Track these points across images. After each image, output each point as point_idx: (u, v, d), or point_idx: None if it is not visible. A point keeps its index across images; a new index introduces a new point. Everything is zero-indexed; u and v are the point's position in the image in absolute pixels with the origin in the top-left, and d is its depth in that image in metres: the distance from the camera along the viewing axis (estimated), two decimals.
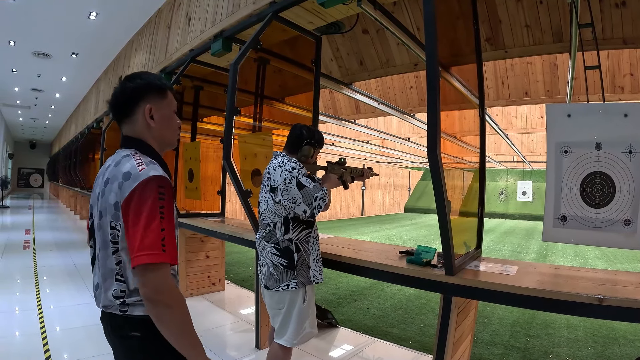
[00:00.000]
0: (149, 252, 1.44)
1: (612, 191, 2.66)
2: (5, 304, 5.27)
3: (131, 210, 1.50)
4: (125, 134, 1.74)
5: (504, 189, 28.55)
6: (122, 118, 1.73)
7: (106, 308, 1.62)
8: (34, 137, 33.91)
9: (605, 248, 11.96)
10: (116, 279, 1.57)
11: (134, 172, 1.54)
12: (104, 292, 1.60)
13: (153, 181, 1.53)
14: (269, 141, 4.14)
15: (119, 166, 1.60)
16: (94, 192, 1.71)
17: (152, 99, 1.72)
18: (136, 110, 1.70)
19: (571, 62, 4.03)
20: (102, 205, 1.60)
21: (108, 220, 1.57)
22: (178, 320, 1.51)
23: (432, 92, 2.47)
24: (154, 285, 1.46)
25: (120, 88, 1.71)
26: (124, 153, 1.67)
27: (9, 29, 9.23)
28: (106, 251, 1.58)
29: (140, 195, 1.50)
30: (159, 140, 1.78)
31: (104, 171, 1.69)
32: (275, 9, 3.93)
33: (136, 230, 1.47)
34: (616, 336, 5.10)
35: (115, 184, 1.56)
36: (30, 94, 16.06)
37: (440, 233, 2.70)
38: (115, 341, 1.66)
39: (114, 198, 1.55)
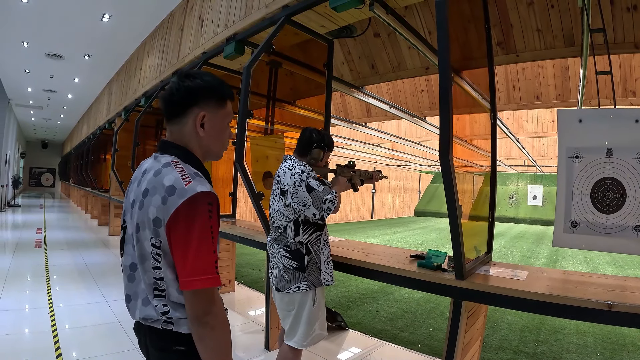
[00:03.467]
0: (202, 276, 1.38)
1: (623, 197, 2.66)
2: (16, 301, 5.32)
3: (178, 230, 1.40)
4: (169, 136, 1.64)
5: (514, 193, 28.39)
6: (171, 117, 1.62)
7: (145, 321, 1.53)
8: (46, 137, 34.16)
9: (615, 254, 11.88)
10: (155, 294, 1.49)
11: (179, 187, 1.42)
12: (142, 305, 1.52)
13: (202, 198, 1.42)
14: (280, 144, 4.17)
15: (159, 176, 1.47)
16: (128, 197, 1.61)
17: (207, 105, 1.59)
18: (188, 113, 1.58)
19: (582, 66, 4.02)
20: (140, 217, 1.49)
21: (148, 235, 1.46)
22: (219, 344, 1.47)
23: (445, 97, 2.48)
24: (204, 307, 1.42)
25: (177, 85, 1.57)
26: (164, 160, 1.54)
27: (23, 30, 9.34)
28: (144, 265, 1.49)
29: (188, 213, 1.40)
30: (204, 150, 1.66)
31: (139, 177, 1.58)
32: (288, 12, 3.95)
33: (186, 252, 1.39)
34: (625, 343, 5.07)
35: (157, 197, 1.44)
36: (42, 95, 16.21)
37: (451, 237, 2.70)
38: (154, 354, 1.60)
39: (154, 213, 1.43)
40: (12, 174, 21.79)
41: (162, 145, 1.62)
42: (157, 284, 1.48)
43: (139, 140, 7.91)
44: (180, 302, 1.47)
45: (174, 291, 1.47)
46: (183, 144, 1.60)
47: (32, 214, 16.63)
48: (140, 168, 1.62)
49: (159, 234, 1.43)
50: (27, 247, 9.15)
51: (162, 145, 1.62)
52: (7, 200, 18.98)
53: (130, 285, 1.56)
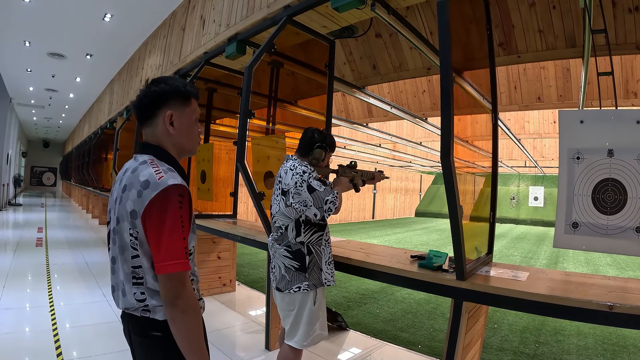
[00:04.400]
0: (173, 261, 1.52)
1: (624, 198, 2.65)
2: (17, 300, 5.34)
3: (152, 220, 1.54)
4: (145, 138, 1.77)
5: (515, 194, 28.36)
6: (143, 121, 1.76)
7: (127, 309, 1.66)
8: (48, 136, 34.19)
9: (616, 255, 11.87)
10: (133, 282, 1.62)
11: (153, 181, 1.56)
12: (124, 294, 1.65)
13: (172, 190, 1.56)
14: (282, 144, 4.17)
15: (136, 173, 1.62)
16: (112, 196, 1.74)
17: (174, 105, 1.73)
18: (157, 114, 1.73)
19: (584, 67, 4.02)
20: (119, 211, 1.63)
21: (126, 227, 1.59)
22: (190, 326, 1.57)
23: (446, 98, 2.48)
24: (176, 291, 1.54)
25: (145, 91, 1.72)
26: (141, 159, 1.69)
27: (25, 30, 9.36)
28: (124, 255, 1.62)
29: (161, 204, 1.54)
30: (177, 147, 1.79)
31: (121, 177, 1.71)
32: (290, 12, 3.95)
33: (160, 239, 1.53)
34: (626, 344, 5.06)
35: (134, 192, 1.58)
36: (44, 94, 16.23)
37: (452, 238, 2.70)
38: (136, 340, 1.70)
39: (131, 206, 1.57)
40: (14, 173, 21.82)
41: (141, 146, 1.77)
42: (135, 272, 1.61)
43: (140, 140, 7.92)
44: (156, 289, 1.60)
45: (150, 278, 1.60)
46: (157, 144, 1.75)
47: (33, 213, 16.65)
48: (122, 169, 1.75)
49: (136, 225, 1.57)
50: (28, 246, 9.17)
51: (140, 146, 1.77)
52: (9, 199, 19.00)
53: (113, 277, 1.70)
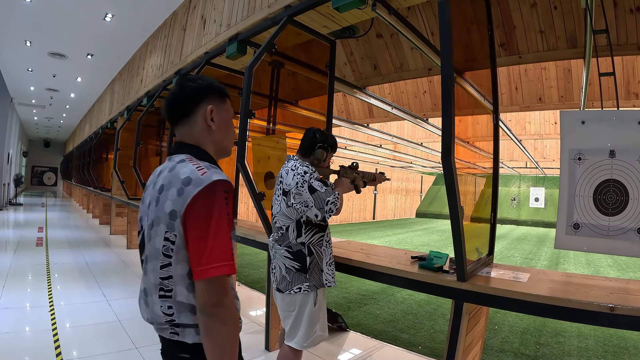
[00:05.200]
0: (218, 263, 1.38)
1: (626, 199, 2.65)
2: (17, 300, 5.33)
3: (195, 219, 1.41)
4: (180, 138, 1.65)
5: (516, 195, 28.34)
6: (179, 119, 1.63)
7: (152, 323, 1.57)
8: (48, 136, 34.23)
9: (618, 256, 11.85)
10: (160, 295, 1.50)
11: (195, 177, 1.44)
12: (149, 305, 1.56)
13: (218, 186, 1.44)
14: (282, 144, 4.16)
15: (174, 171, 1.51)
16: (144, 202, 1.65)
17: (212, 100, 1.65)
18: (196, 111, 1.62)
19: (585, 68, 4.01)
20: (155, 214, 1.51)
21: (162, 230, 1.47)
22: (227, 340, 1.42)
23: (447, 99, 2.47)
24: (217, 298, 1.40)
25: (179, 87, 1.62)
26: (178, 158, 1.57)
27: (25, 29, 9.36)
28: (153, 263, 1.51)
29: (205, 201, 1.41)
30: (217, 145, 1.68)
31: (154, 179, 1.61)
32: (290, 12, 3.95)
33: (204, 239, 1.40)
34: (627, 346, 5.05)
35: (173, 190, 1.46)
36: (45, 94, 16.24)
37: (453, 239, 2.69)
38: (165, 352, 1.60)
39: (170, 206, 1.45)
40: (15, 172, 21.83)
41: (177, 146, 1.64)
42: (163, 283, 1.48)
43: (141, 140, 7.93)
44: (188, 301, 1.46)
45: (182, 289, 1.46)
46: (195, 143, 1.63)
47: (34, 213, 16.65)
48: (155, 173, 1.65)
49: (174, 227, 1.44)
50: (28, 245, 9.17)
51: (176, 146, 1.64)
52: (9, 199, 19.00)
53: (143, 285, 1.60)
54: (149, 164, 8.53)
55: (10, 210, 17.07)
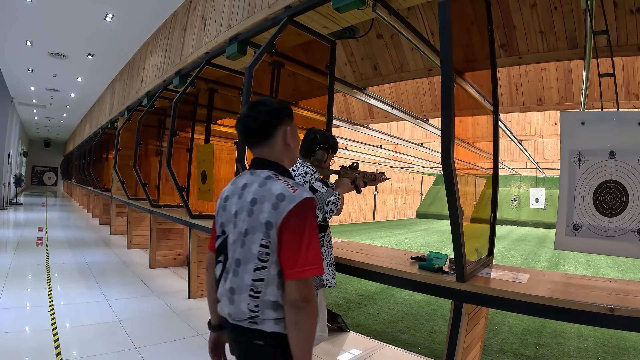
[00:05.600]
0: (311, 266, 1.61)
1: (625, 200, 2.65)
2: (17, 300, 5.32)
3: (291, 229, 1.63)
4: (259, 155, 1.84)
5: (516, 195, 28.33)
6: (258, 141, 1.82)
7: (232, 319, 1.74)
8: (49, 136, 34.24)
9: (617, 257, 11.84)
10: (249, 294, 1.67)
11: (288, 194, 1.65)
12: (233, 302, 1.71)
13: (309, 202, 1.67)
14: None
15: (266, 187, 1.71)
16: (228, 210, 1.82)
17: (287, 122, 1.84)
18: (275, 133, 1.81)
19: (585, 68, 4.01)
20: (249, 223, 1.69)
21: (258, 238, 1.67)
22: (311, 330, 1.63)
23: (447, 99, 2.47)
24: (305, 294, 1.61)
25: (256, 112, 1.80)
26: (264, 175, 1.77)
27: (26, 29, 9.37)
28: (246, 266, 1.69)
29: (299, 215, 1.63)
30: (291, 160, 1.91)
31: (239, 191, 1.80)
32: (291, 13, 3.95)
33: (299, 246, 1.62)
34: (627, 347, 5.05)
35: (268, 204, 1.66)
36: (45, 94, 16.24)
37: (453, 239, 2.69)
38: (241, 348, 1.79)
39: (266, 217, 1.65)
40: (15, 172, 21.84)
41: (257, 162, 1.84)
42: (254, 285, 1.67)
43: (141, 140, 7.93)
44: (275, 299, 1.67)
45: (273, 288, 1.67)
46: (276, 161, 1.84)
47: (34, 213, 16.64)
48: (235, 184, 1.86)
49: (269, 236, 1.65)
50: (28, 245, 9.16)
51: (256, 162, 1.84)
52: (10, 199, 19.00)
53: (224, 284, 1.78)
54: (149, 164, 8.54)
55: (11, 210, 17.07)
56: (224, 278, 1.78)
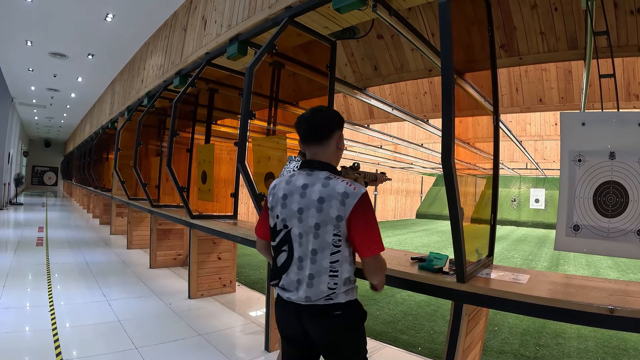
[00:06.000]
0: (379, 244, 2.11)
1: (626, 201, 2.64)
2: (17, 300, 5.33)
3: (357, 219, 2.06)
4: (313, 156, 2.21)
5: (516, 196, 28.33)
6: (317, 141, 2.19)
7: (309, 300, 2.10)
8: (49, 136, 34.26)
9: (618, 258, 11.84)
10: (329, 275, 2.09)
11: (350, 192, 2.06)
12: (310, 286, 2.09)
13: (367, 195, 2.10)
14: (282, 145, 4.16)
15: (329, 187, 2.09)
16: (289, 207, 2.15)
17: (341, 128, 2.27)
18: (331, 137, 2.20)
19: (586, 69, 4.01)
20: (320, 218, 2.07)
21: (330, 229, 2.07)
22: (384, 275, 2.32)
23: (447, 100, 2.47)
24: (381, 263, 2.21)
25: (320, 115, 2.20)
26: (322, 175, 2.15)
27: (26, 29, 9.37)
28: (323, 253, 2.09)
29: (362, 207, 2.06)
30: (337, 162, 2.29)
31: (299, 190, 2.15)
32: (291, 13, 3.95)
33: (367, 232, 2.10)
34: (627, 347, 5.05)
35: (335, 202, 2.06)
36: (46, 93, 16.25)
37: (453, 240, 2.69)
38: (315, 324, 2.14)
39: (336, 212, 2.06)
40: (15, 172, 21.84)
41: (311, 163, 2.20)
42: (332, 266, 2.09)
43: (142, 140, 7.93)
44: (348, 274, 2.14)
45: (346, 266, 2.14)
46: (327, 162, 2.21)
47: (34, 213, 16.65)
48: (294, 184, 2.18)
49: (340, 226, 2.07)
50: (28, 245, 9.17)
51: (310, 163, 2.20)
52: (10, 199, 19.01)
53: (299, 272, 2.13)
54: (150, 164, 8.53)
55: (11, 210, 17.08)
56: (297, 267, 2.13)
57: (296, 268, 2.14)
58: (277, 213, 2.20)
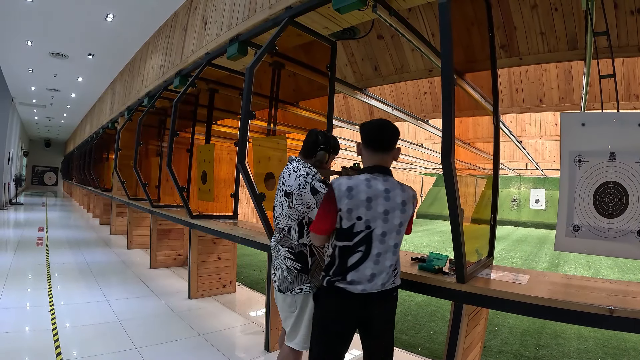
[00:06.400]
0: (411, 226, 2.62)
1: (626, 201, 2.65)
2: (17, 299, 5.33)
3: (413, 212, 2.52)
4: (381, 163, 2.45)
5: (516, 196, 28.34)
6: (387, 149, 2.45)
7: (383, 287, 2.41)
8: (49, 136, 34.25)
9: (618, 258, 11.84)
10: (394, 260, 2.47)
11: (413, 193, 2.52)
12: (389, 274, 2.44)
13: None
14: (282, 145, 4.16)
15: (405, 192, 2.46)
16: (375, 209, 2.35)
17: None
18: (394, 147, 2.48)
19: (586, 69, 4.01)
20: (403, 218, 2.44)
21: (405, 225, 2.49)
22: None
23: (447, 100, 2.47)
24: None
25: (393, 128, 2.46)
26: (394, 180, 2.46)
27: (27, 29, 9.37)
28: (399, 245, 2.50)
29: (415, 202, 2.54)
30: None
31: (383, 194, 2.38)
32: (291, 13, 3.95)
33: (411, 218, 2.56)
34: (627, 347, 5.05)
35: (410, 204, 2.47)
36: (46, 93, 16.25)
37: (453, 240, 2.70)
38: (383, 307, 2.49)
39: (411, 211, 2.49)
40: (15, 172, 21.84)
41: (381, 169, 2.45)
42: (396, 253, 2.48)
43: (142, 140, 7.93)
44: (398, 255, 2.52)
45: (398, 250, 2.50)
46: (389, 168, 2.49)
47: (34, 213, 16.65)
48: (375, 188, 2.38)
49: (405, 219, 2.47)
50: (28, 245, 9.17)
51: (381, 169, 2.45)
52: (10, 199, 19.01)
53: (375, 266, 2.38)
54: (150, 164, 8.53)
55: (11, 210, 17.08)
56: (374, 262, 2.36)
57: (372, 264, 2.37)
58: (359, 215, 2.34)
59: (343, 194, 2.33)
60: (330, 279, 2.42)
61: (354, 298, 2.37)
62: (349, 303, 2.39)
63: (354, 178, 2.40)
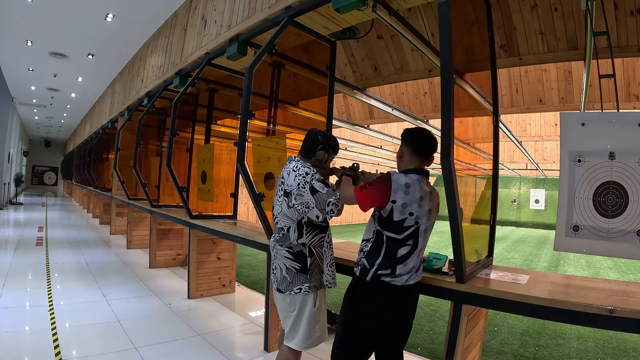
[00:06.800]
0: None
1: (625, 201, 2.64)
2: (17, 299, 5.33)
3: None
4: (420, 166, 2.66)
5: (516, 196, 28.31)
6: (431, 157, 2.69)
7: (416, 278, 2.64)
8: (49, 136, 34.25)
9: (617, 258, 11.83)
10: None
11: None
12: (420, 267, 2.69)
13: None
14: (282, 145, 4.15)
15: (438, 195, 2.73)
16: (423, 208, 2.57)
17: None
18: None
19: (586, 69, 4.01)
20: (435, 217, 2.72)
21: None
22: None
23: (447, 100, 2.47)
24: None
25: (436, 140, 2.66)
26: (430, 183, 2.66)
27: (27, 29, 9.38)
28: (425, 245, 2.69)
29: None
30: None
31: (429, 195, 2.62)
32: (291, 13, 3.95)
33: None
34: (626, 348, 5.05)
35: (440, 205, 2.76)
36: (46, 93, 16.26)
37: (452, 240, 2.70)
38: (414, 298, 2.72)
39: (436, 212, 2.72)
40: (15, 172, 21.83)
41: (425, 173, 2.68)
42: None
43: (142, 140, 7.92)
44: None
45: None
46: None
47: (34, 212, 16.64)
48: (424, 189, 2.59)
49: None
50: (28, 245, 9.17)
51: (426, 173, 2.68)
52: (10, 198, 19.00)
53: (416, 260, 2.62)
54: (149, 164, 8.53)
55: (11, 210, 17.08)
56: (417, 256, 2.60)
57: (415, 257, 2.58)
58: (411, 210, 2.51)
59: (400, 188, 2.50)
60: (376, 271, 2.55)
61: (397, 291, 2.54)
62: (392, 298, 2.56)
63: (409, 176, 2.56)
